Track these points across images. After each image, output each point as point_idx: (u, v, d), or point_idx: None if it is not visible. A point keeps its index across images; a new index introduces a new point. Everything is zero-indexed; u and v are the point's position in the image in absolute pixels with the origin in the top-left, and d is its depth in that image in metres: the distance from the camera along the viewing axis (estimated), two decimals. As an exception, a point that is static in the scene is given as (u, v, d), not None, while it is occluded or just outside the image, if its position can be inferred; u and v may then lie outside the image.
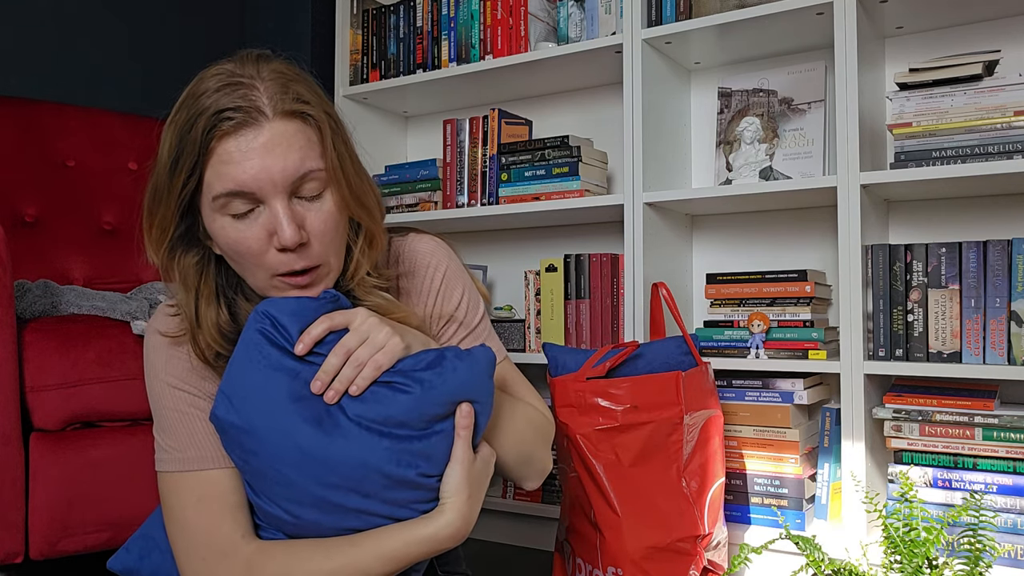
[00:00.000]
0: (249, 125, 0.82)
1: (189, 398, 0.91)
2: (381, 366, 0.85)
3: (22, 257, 1.69)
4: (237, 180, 0.82)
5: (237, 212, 0.84)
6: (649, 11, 1.80)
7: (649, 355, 1.50)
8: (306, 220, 0.85)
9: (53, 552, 1.33)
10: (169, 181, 0.84)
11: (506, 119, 2.08)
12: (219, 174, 0.83)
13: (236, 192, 0.83)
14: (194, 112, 0.83)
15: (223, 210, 0.84)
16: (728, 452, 1.65)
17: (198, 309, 0.90)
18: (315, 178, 0.85)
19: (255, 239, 0.84)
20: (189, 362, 0.92)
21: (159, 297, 1.53)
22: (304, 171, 0.84)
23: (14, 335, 1.32)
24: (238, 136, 0.82)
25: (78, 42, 2.19)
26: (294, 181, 0.84)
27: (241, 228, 0.84)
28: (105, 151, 1.98)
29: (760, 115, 1.83)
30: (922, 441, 1.50)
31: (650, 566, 1.34)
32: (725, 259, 1.96)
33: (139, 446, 1.41)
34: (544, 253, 2.17)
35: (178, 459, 0.90)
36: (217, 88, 0.83)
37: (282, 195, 0.84)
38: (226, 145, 0.82)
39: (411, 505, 0.87)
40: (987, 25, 1.68)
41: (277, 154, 0.82)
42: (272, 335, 0.85)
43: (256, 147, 0.82)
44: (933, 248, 1.53)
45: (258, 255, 0.85)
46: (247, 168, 0.82)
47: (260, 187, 0.83)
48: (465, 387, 0.87)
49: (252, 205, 0.84)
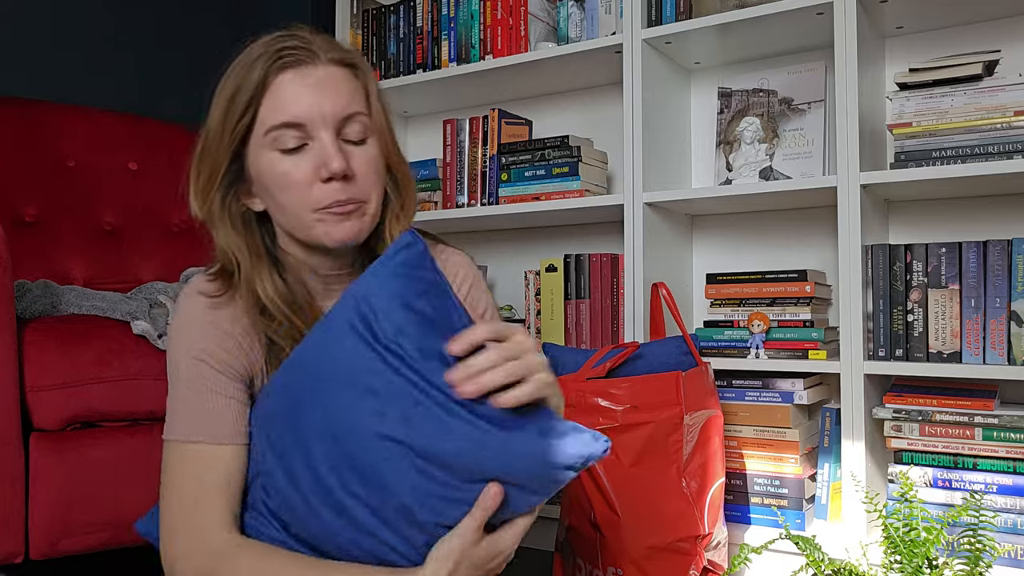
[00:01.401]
0: (305, 63, 0.90)
1: (209, 371, 0.91)
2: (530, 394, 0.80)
3: (22, 257, 1.68)
4: (290, 112, 0.89)
5: (286, 146, 0.90)
6: (649, 11, 1.80)
7: (649, 355, 1.50)
8: (351, 158, 0.91)
9: (53, 552, 1.33)
10: (223, 121, 0.91)
11: (506, 119, 2.08)
12: (273, 108, 0.89)
13: (289, 123, 0.89)
14: (252, 57, 0.90)
15: (273, 144, 0.90)
16: (728, 452, 1.65)
17: (250, 254, 0.93)
18: (360, 121, 0.92)
19: (302, 172, 0.90)
20: (222, 328, 0.91)
21: (159, 297, 1.53)
22: (351, 111, 0.91)
23: (14, 335, 1.32)
24: (295, 70, 0.90)
25: (78, 42, 2.19)
26: (342, 119, 0.91)
27: (290, 161, 0.90)
28: (105, 151, 1.98)
29: (760, 115, 1.83)
30: (922, 441, 1.50)
31: (650, 566, 1.34)
32: (725, 259, 1.96)
33: (139, 446, 1.41)
34: (544, 253, 2.16)
35: (187, 429, 0.90)
36: (271, 39, 0.92)
37: (331, 130, 0.90)
38: (283, 77, 0.90)
39: (422, 550, 0.82)
40: (987, 25, 1.68)
41: (328, 92, 0.90)
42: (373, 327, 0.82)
43: (310, 83, 0.90)
44: (933, 248, 1.53)
45: (305, 188, 0.90)
46: (301, 101, 0.89)
47: (311, 119, 0.89)
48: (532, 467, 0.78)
49: (302, 140, 0.90)
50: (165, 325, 1.45)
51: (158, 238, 1.98)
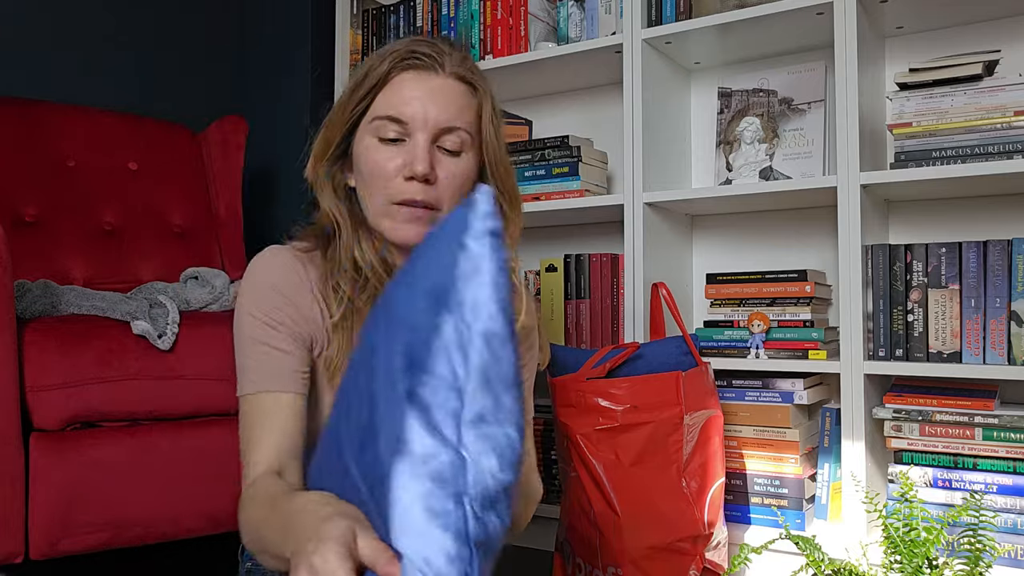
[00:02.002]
0: (428, 69, 0.98)
1: (261, 327, 0.97)
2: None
3: (22, 257, 1.68)
4: (398, 108, 0.97)
5: (385, 136, 0.97)
6: (649, 11, 1.80)
7: (649, 355, 1.50)
8: (439, 165, 0.98)
9: (53, 552, 1.33)
10: (348, 99, 0.99)
11: (506, 119, 2.08)
12: (387, 100, 0.97)
13: (393, 118, 0.96)
14: (387, 51, 0.99)
15: (376, 132, 0.98)
16: (728, 452, 1.65)
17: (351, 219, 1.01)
18: (459, 136, 0.98)
19: (391, 163, 0.97)
20: (283, 293, 0.98)
21: (159, 297, 1.53)
22: (453, 124, 0.98)
23: (14, 335, 1.32)
24: (416, 73, 0.98)
25: (78, 42, 2.19)
26: (442, 128, 0.97)
27: (383, 150, 0.97)
28: (105, 151, 1.98)
29: (760, 115, 1.83)
30: (922, 441, 1.50)
31: (650, 566, 1.34)
32: (725, 259, 1.96)
33: (139, 446, 1.41)
34: (544, 253, 2.16)
35: (243, 380, 0.98)
36: (411, 41, 1.00)
37: (428, 134, 0.97)
38: (403, 76, 0.98)
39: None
40: (987, 25, 1.68)
41: (439, 101, 0.97)
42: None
43: (425, 88, 0.97)
44: (933, 248, 1.53)
45: (388, 178, 0.97)
46: (411, 100, 0.96)
47: (414, 119, 0.96)
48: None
49: (400, 135, 0.97)
50: (165, 325, 1.45)
51: (158, 238, 1.98)
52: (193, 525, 1.47)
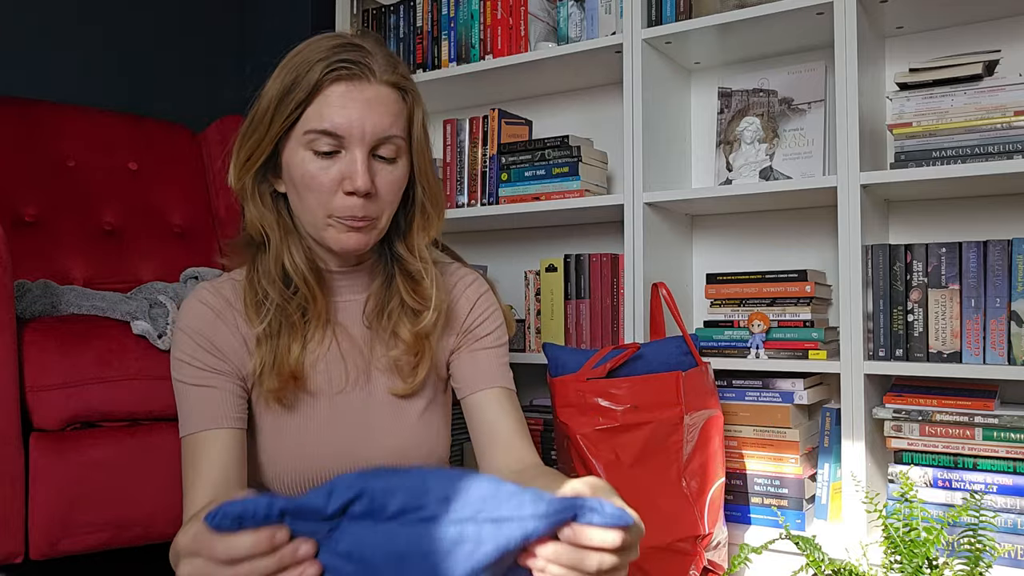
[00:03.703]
0: (360, 78, 0.94)
1: (190, 369, 1.00)
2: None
3: (22, 257, 1.68)
4: (334, 122, 0.93)
5: (321, 150, 0.94)
6: (649, 11, 1.80)
7: (649, 355, 1.50)
8: (377, 176, 0.96)
9: (53, 552, 1.33)
10: (276, 111, 0.95)
11: (506, 119, 2.08)
12: (320, 112, 0.94)
13: (329, 132, 0.93)
14: (313, 58, 0.94)
15: (309, 145, 0.95)
16: (728, 452, 1.65)
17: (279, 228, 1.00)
18: (395, 143, 0.97)
19: (328, 179, 0.95)
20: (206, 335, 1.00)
21: (159, 297, 1.53)
22: (390, 133, 0.96)
23: (14, 335, 1.32)
24: (348, 84, 0.94)
25: (78, 42, 2.19)
26: (379, 139, 0.95)
27: (320, 165, 0.95)
28: (105, 151, 1.97)
29: (760, 115, 1.83)
30: (922, 441, 1.50)
31: (650, 566, 1.34)
32: (725, 259, 1.96)
33: (139, 446, 1.41)
34: (544, 253, 2.16)
35: (181, 423, 1.00)
36: (336, 45, 0.95)
37: (366, 147, 0.95)
38: (336, 88, 0.94)
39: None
40: (987, 25, 1.68)
41: (374, 111, 0.94)
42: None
43: (360, 99, 0.94)
44: (933, 248, 1.53)
45: (327, 194, 0.95)
46: (346, 114, 0.93)
47: (350, 133, 0.94)
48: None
49: (336, 148, 0.95)
50: (165, 325, 1.45)
51: (158, 238, 1.98)
52: (193, 525, 1.46)
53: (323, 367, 1.04)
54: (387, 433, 1.05)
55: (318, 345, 1.04)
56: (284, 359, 1.00)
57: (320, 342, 1.04)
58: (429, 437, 1.08)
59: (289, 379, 1.00)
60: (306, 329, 1.03)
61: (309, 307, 1.02)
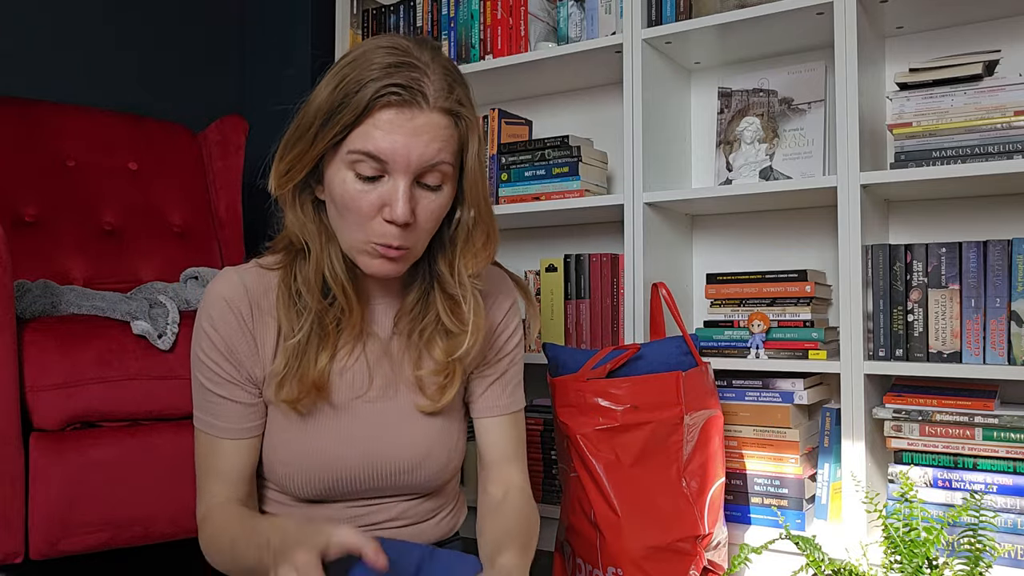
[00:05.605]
0: (410, 105, 0.90)
1: (212, 375, 1.00)
2: None
3: (22, 257, 1.68)
4: (379, 147, 0.90)
5: (364, 174, 0.91)
6: (649, 11, 1.80)
7: (649, 355, 1.50)
8: (419, 205, 0.93)
9: (53, 552, 1.33)
10: (321, 127, 0.92)
11: (506, 119, 2.08)
12: (367, 135, 0.90)
13: (373, 155, 0.90)
14: (366, 76, 0.90)
15: (352, 165, 0.92)
16: (728, 452, 1.65)
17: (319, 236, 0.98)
18: (441, 170, 0.93)
19: (368, 203, 0.92)
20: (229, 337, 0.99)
21: (159, 297, 1.53)
22: (437, 160, 0.92)
23: (14, 335, 1.32)
24: (398, 110, 0.90)
25: (78, 42, 2.19)
26: (425, 167, 0.92)
27: (361, 188, 0.92)
28: (105, 151, 1.98)
29: (760, 115, 1.83)
30: (922, 441, 1.50)
31: (650, 566, 1.34)
32: (725, 259, 1.96)
33: (139, 446, 1.41)
34: (544, 253, 2.16)
35: (197, 418, 1.03)
36: (392, 63, 0.90)
37: (409, 176, 0.91)
38: (385, 114, 0.90)
39: None
40: (987, 25, 1.68)
41: (422, 140, 0.90)
42: None
43: (408, 126, 0.90)
44: (933, 248, 1.53)
45: (365, 218, 0.93)
46: (393, 141, 0.89)
47: (394, 160, 0.90)
48: None
49: (379, 173, 0.91)
50: (165, 325, 1.45)
51: (158, 238, 1.98)
52: (192, 525, 1.45)
53: (349, 376, 1.03)
54: (407, 443, 1.04)
55: (347, 355, 1.03)
56: (309, 369, 0.98)
57: (350, 352, 1.03)
58: (447, 447, 1.08)
59: (311, 389, 0.99)
60: (338, 339, 1.01)
61: (344, 317, 1.00)
